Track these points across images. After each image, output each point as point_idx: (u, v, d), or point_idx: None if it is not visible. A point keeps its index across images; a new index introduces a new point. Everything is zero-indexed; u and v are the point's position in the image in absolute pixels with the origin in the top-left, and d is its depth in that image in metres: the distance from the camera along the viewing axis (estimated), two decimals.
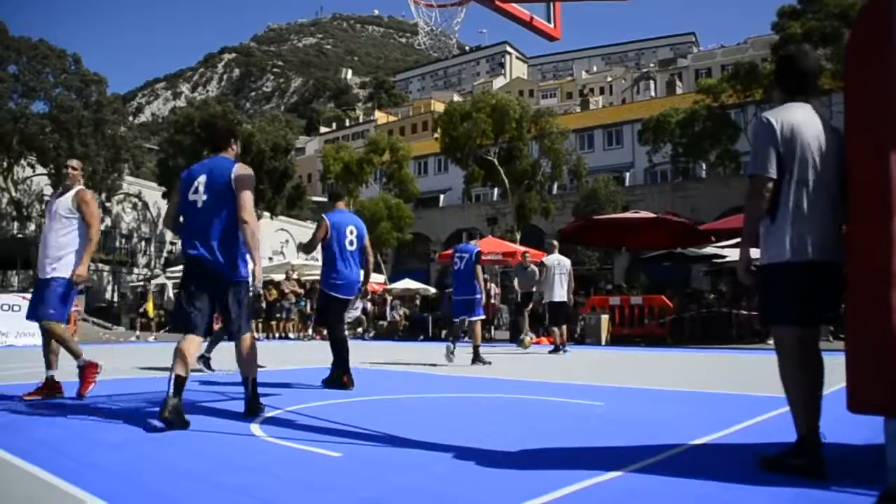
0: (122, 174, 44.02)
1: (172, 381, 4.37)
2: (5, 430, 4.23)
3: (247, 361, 4.98)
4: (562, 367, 10.14)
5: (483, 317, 11.20)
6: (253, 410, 4.92)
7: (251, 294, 5.28)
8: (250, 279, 4.92)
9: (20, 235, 37.83)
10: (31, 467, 3.16)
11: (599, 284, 37.52)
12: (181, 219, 4.93)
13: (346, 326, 7.34)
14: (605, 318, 18.23)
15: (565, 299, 13.33)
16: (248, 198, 4.83)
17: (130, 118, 75.11)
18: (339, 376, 6.90)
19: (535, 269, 16.21)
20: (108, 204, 43.79)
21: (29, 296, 17.05)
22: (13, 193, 41.68)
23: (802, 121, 3.19)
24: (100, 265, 45.21)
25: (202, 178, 4.81)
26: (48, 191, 42.75)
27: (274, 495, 2.77)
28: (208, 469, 3.22)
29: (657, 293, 19.60)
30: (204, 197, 4.75)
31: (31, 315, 5.99)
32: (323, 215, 7.16)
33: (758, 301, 3.67)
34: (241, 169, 4.91)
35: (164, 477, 3.05)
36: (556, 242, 14.44)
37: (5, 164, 40.35)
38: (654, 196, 44.01)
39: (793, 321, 3.16)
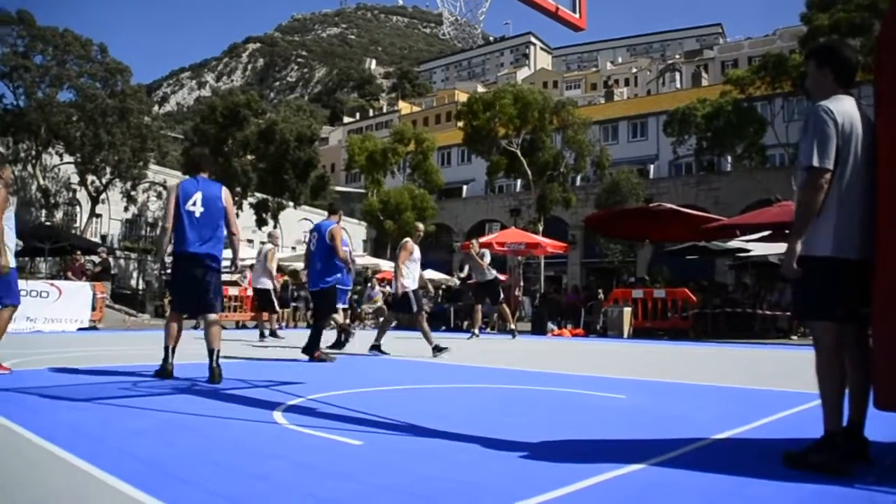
0: (147, 163, 44.39)
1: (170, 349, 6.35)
2: (34, 413, 4.30)
3: (215, 336, 6.33)
4: (584, 360, 10.11)
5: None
6: (215, 378, 6.09)
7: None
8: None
9: (48, 223, 38.27)
10: (56, 448, 3.21)
11: (622, 277, 37.38)
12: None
13: (370, 316, 8.35)
14: (627, 310, 18.14)
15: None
16: (234, 214, 6.60)
17: (156, 107, 75.68)
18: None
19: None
20: (133, 192, 44.18)
21: (58, 283, 17.33)
22: (41, 181, 42.18)
23: (853, 113, 3.14)
24: (126, 253, 45.74)
25: (198, 196, 6.29)
26: (75, 178, 43.31)
27: (295, 482, 2.79)
28: (231, 456, 3.26)
29: (680, 286, 19.48)
30: (201, 209, 6.27)
31: None
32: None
33: (795, 294, 3.61)
34: (227, 192, 6.62)
35: (188, 463, 3.08)
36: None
37: (33, 152, 40.84)
38: (677, 189, 43.68)
39: (832, 317, 3.11)
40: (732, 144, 38.80)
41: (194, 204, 6.29)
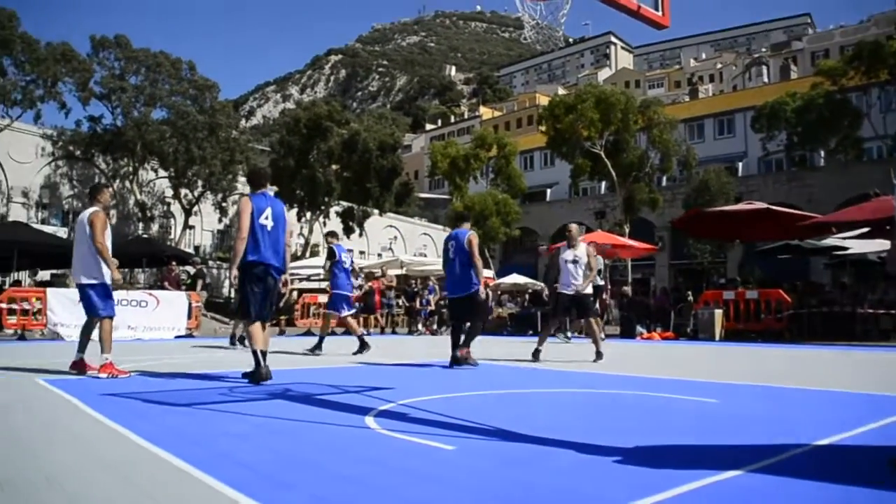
0: (236, 176, 45.71)
1: (259, 354, 6.55)
2: (139, 417, 4.48)
3: (266, 338, 6.86)
4: (675, 364, 9.92)
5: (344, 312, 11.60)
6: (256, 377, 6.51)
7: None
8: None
9: (145, 235, 39.85)
10: (164, 453, 3.33)
11: (712, 278, 36.51)
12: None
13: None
14: (718, 312, 17.71)
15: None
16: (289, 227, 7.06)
17: (243, 121, 77.86)
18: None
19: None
20: (224, 204, 45.60)
21: (156, 292, 17.99)
22: (138, 196, 43.95)
23: None
24: (218, 262, 47.20)
25: (269, 211, 6.79)
26: (169, 192, 44.99)
27: (389, 485, 2.82)
28: (326, 460, 3.32)
29: (773, 287, 18.88)
30: (272, 223, 6.78)
31: None
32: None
33: None
34: (286, 208, 7.30)
35: (286, 466, 3.15)
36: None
37: (131, 168, 42.63)
38: (768, 186, 42.43)
39: None
40: (825, 138, 37.50)
41: (266, 218, 6.77)
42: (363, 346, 11.13)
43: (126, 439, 3.75)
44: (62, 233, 31.96)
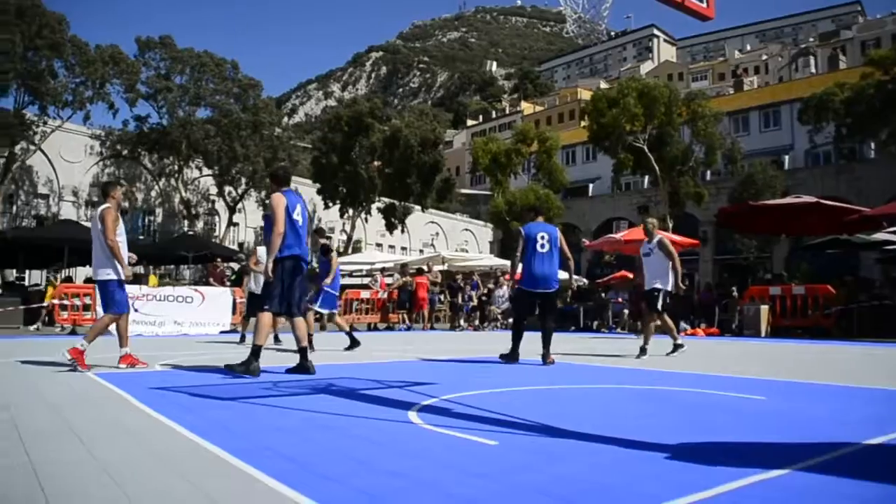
0: None
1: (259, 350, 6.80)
2: (186, 411, 4.56)
3: (305, 331, 7.24)
4: (719, 360, 9.79)
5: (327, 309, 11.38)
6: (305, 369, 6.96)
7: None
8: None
9: (190, 232, 40.48)
10: (210, 446, 3.39)
11: (757, 273, 35.94)
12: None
13: (499, 316, 8.59)
14: (764, 308, 17.44)
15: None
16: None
17: (285, 119, 78.63)
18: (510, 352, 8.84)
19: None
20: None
21: (201, 288, 18.26)
22: (183, 194, 44.67)
23: None
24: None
25: (299, 207, 7.06)
26: (213, 190, 45.66)
27: (433, 480, 2.84)
28: (370, 454, 3.34)
29: (821, 282, 18.53)
30: (301, 219, 7.02)
31: None
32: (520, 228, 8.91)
33: None
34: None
35: (330, 460, 3.19)
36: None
37: (176, 167, 43.36)
38: (816, 179, 41.53)
39: None
40: (876, 130, 36.57)
41: (298, 214, 7.02)
42: (308, 348, 10.87)
43: (174, 432, 3.82)
44: None
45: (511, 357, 8.76)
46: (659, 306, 9.77)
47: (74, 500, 2.55)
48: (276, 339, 12.52)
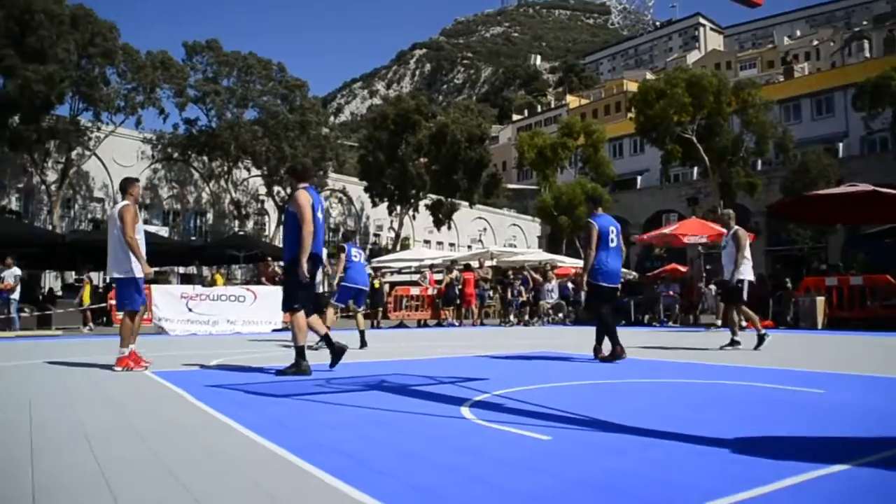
0: (327, 172, 46.60)
1: (305, 349, 6.85)
2: (241, 408, 4.63)
3: (319, 324, 7.18)
4: (775, 353, 9.62)
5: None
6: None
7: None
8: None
9: (241, 232, 41.08)
10: (266, 442, 3.45)
11: (812, 264, 35.22)
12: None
13: (549, 311, 8.41)
14: (820, 300, 17.05)
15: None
16: None
17: (331, 118, 79.34)
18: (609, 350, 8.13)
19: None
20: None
21: (253, 287, 18.51)
22: (233, 194, 45.32)
23: None
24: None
25: (319, 205, 6.97)
26: (262, 190, 46.26)
27: (487, 475, 2.84)
28: (424, 449, 3.36)
29: (880, 273, 18.05)
30: (321, 215, 7.01)
31: None
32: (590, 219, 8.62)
33: None
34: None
35: (384, 455, 3.21)
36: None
37: (225, 168, 44.01)
38: (872, 167, 40.51)
39: None
40: None
41: (320, 212, 6.97)
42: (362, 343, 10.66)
43: (230, 428, 3.89)
44: (163, 232, 33.23)
45: (614, 356, 8.10)
46: (745, 297, 9.97)
47: (137, 494, 2.61)
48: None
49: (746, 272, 9.99)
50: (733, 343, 9.91)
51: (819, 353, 9.85)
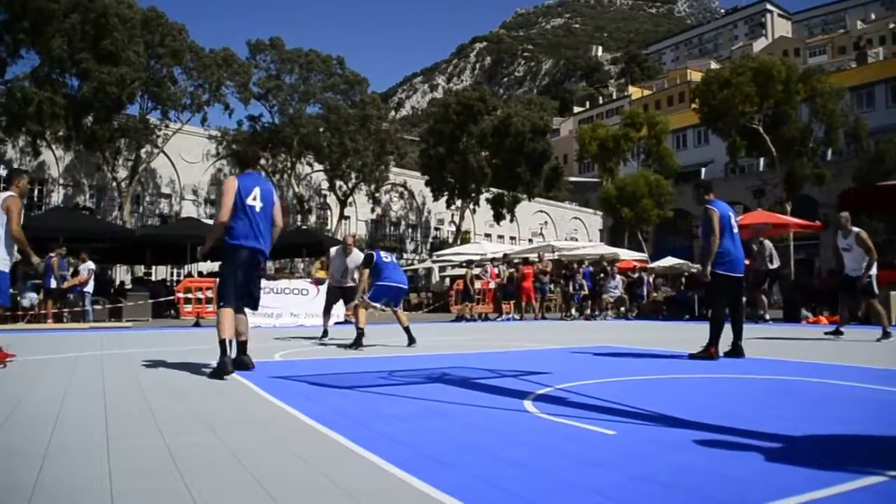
0: (388, 166, 46.92)
1: (226, 344, 6.00)
2: (306, 399, 4.70)
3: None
4: (845, 349, 9.34)
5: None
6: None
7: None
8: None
9: (304, 226, 41.67)
10: (331, 432, 3.50)
11: (886, 258, 34.11)
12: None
13: (610, 305, 7.95)
14: (894, 294, 16.49)
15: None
16: (279, 209, 6.61)
17: (392, 113, 79.83)
18: (707, 348, 7.69)
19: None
20: (377, 194, 46.97)
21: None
22: (296, 189, 45.98)
23: None
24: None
25: (257, 191, 6.35)
26: (325, 185, 46.86)
27: (550, 469, 2.82)
28: (486, 442, 3.35)
29: None
30: (261, 204, 6.33)
31: None
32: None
33: None
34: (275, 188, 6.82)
35: (447, 447, 3.22)
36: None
37: (288, 163, 44.69)
38: None
39: None
40: None
41: (254, 199, 6.32)
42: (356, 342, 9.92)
43: (296, 419, 3.95)
44: None
45: (708, 353, 7.70)
46: (876, 291, 10.76)
47: (203, 476, 2.67)
48: (325, 334, 11.66)
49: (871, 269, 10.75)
50: (886, 335, 10.36)
51: (893, 351, 9.49)
